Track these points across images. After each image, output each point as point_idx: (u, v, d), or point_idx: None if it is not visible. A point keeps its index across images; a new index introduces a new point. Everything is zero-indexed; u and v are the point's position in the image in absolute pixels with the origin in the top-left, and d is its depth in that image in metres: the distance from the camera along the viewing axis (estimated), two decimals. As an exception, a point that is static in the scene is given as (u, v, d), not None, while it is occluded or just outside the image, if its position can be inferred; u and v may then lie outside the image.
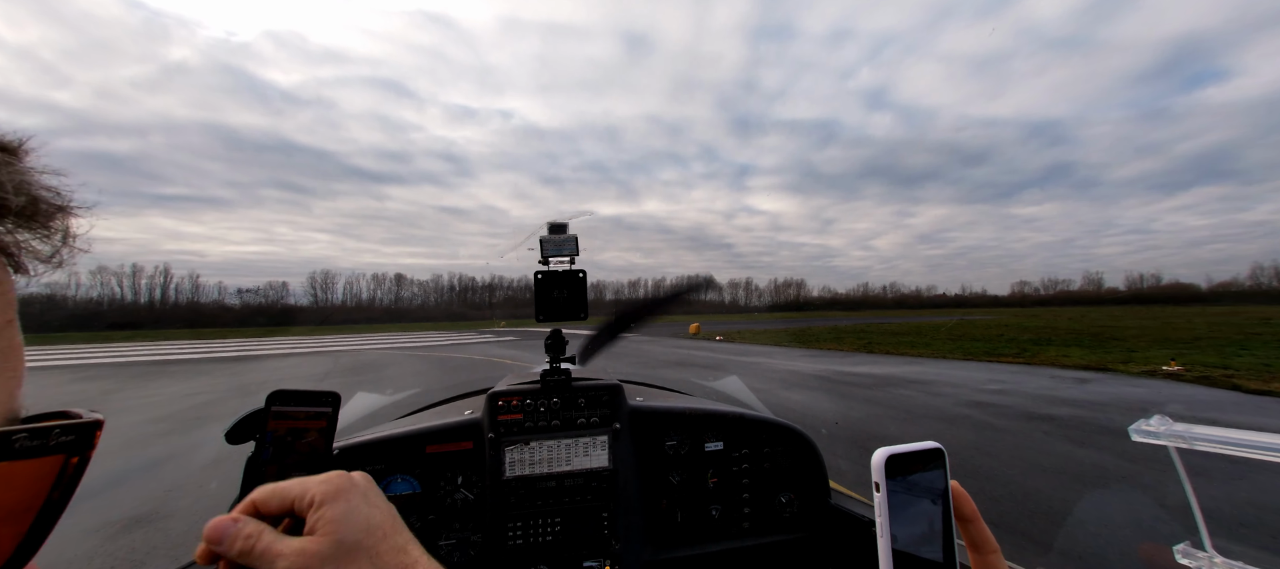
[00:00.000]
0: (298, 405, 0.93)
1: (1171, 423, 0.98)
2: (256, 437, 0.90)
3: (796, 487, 1.35)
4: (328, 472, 0.56)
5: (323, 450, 0.93)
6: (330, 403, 0.95)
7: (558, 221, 1.29)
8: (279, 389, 0.93)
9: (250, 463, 0.90)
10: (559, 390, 1.25)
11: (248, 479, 0.89)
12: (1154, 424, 0.99)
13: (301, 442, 0.91)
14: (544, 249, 1.28)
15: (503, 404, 1.22)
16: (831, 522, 1.31)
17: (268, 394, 0.91)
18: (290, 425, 0.91)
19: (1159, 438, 0.97)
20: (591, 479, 1.23)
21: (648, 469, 1.28)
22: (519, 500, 1.19)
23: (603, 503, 1.22)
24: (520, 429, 1.22)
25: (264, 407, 0.90)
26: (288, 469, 0.91)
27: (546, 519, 1.19)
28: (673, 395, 1.58)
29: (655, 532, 1.26)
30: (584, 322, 1.31)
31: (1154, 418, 1.00)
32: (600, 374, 1.45)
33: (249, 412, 0.91)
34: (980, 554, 0.46)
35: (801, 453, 1.35)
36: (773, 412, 1.48)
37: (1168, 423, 0.98)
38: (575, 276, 1.29)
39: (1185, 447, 0.94)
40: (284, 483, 0.55)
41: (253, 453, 0.90)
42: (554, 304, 1.28)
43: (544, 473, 1.21)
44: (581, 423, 1.24)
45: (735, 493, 1.32)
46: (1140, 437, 0.99)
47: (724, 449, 1.32)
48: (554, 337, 1.31)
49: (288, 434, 0.91)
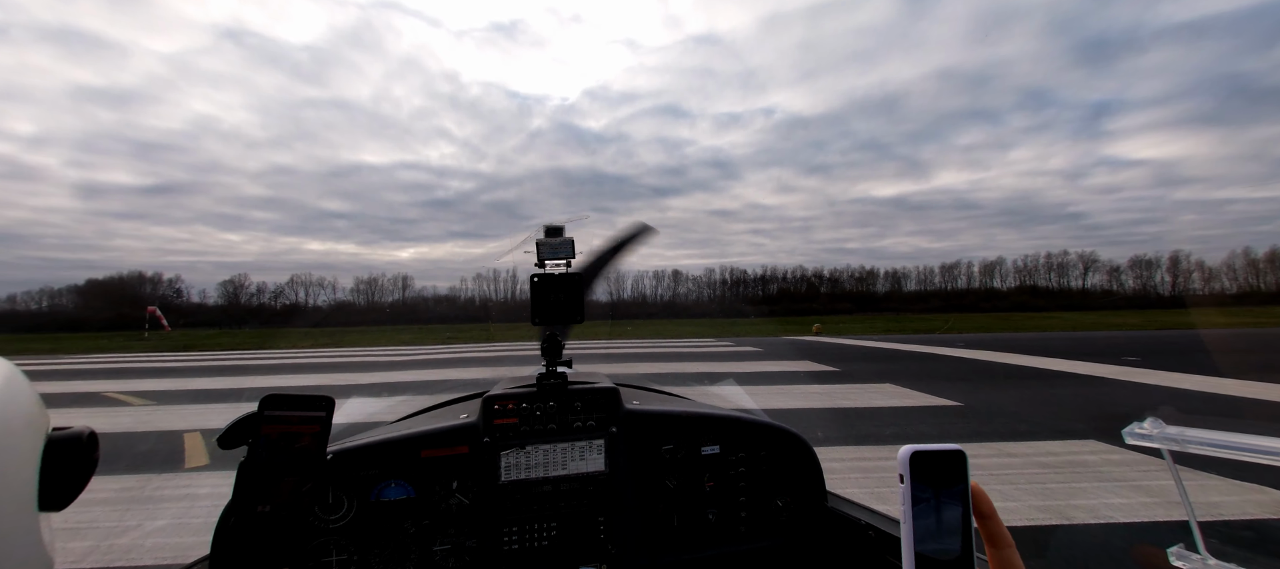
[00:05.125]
0: (291, 410, 0.92)
1: (1165, 426, 0.98)
2: (249, 441, 0.89)
3: (793, 490, 1.34)
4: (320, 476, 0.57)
5: (316, 455, 0.93)
6: (324, 407, 0.95)
7: (554, 225, 1.29)
8: (272, 394, 0.92)
9: (243, 468, 0.89)
10: (555, 394, 1.25)
11: (241, 484, 0.88)
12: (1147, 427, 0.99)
13: (295, 446, 0.91)
14: (540, 252, 1.28)
15: (498, 408, 1.22)
16: (828, 525, 1.31)
17: (261, 398, 0.90)
18: (284, 430, 0.91)
19: (1152, 441, 0.98)
20: (587, 484, 1.22)
21: (644, 473, 1.28)
22: (515, 505, 1.18)
23: (599, 508, 1.22)
24: (516, 433, 1.21)
25: (257, 411, 0.90)
26: (281, 474, 0.90)
27: (542, 524, 1.19)
28: (669, 399, 1.58)
29: (652, 536, 1.26)
30: (581, 324, 1.31)
31: (1147, 420, 1.01)
32: (596, 378, 1.44)
33: (242, 416, 0.90)
34: (997, 549, 0.50)
35: (797, 456, 1.35)
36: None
37: (1161, 426, 0.98)
38: (572, 280, 1.29)
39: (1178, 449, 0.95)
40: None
41: (246, 458, 0.89)
42: (550, 307, 1.28)
43: (540, 477, 1.20)
44: (578, 427, 1.24)
45: (732, 497, 1.31)
46: (1134, 439, 1.00)
47: (721, 453, 1.32)
48: (550, 340, 1.31)
49: (281, 439, 0.90)
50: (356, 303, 67.77)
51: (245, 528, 0.86)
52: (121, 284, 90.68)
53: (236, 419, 0.89)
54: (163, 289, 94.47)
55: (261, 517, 0.87)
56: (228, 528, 0.88)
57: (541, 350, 1.32)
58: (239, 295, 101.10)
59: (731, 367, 14.47)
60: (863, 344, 22.50)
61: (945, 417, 7.51)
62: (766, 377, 12.14)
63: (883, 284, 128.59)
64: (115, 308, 63.75)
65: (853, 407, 8.28)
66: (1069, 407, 7.95)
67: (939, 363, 14.47)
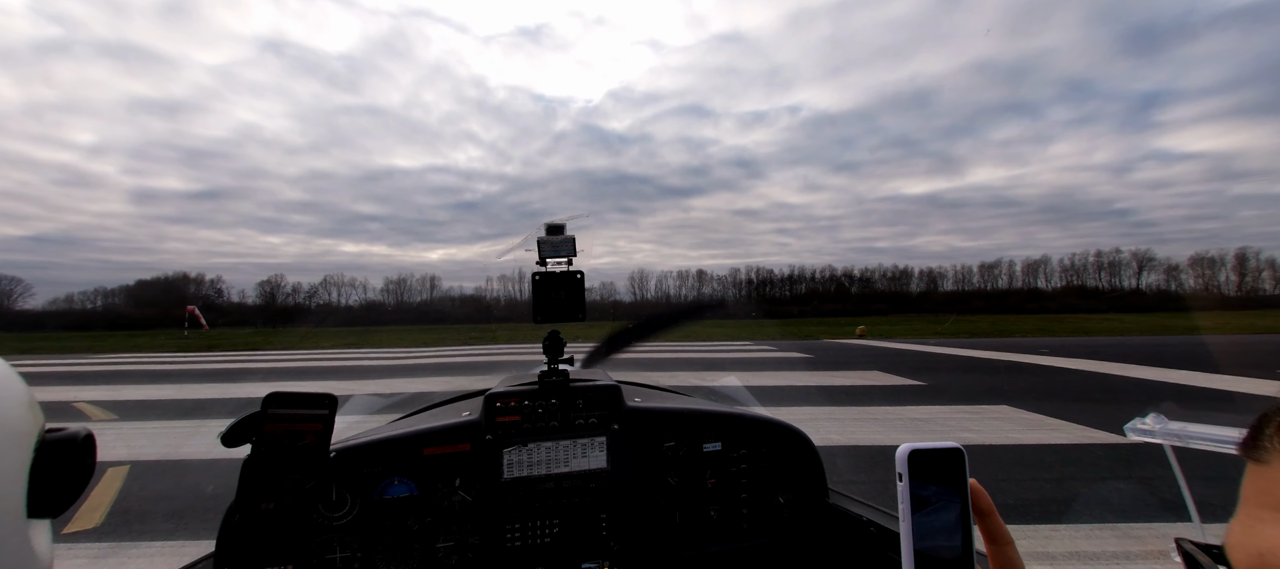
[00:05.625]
0: (294, 408, 0.92)
1: (1166, 421, 0.98)
2: (253, 439, 0.90)
3: (794, 487, 1.35)
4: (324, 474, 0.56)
5: (319, 452, 0.93)
6: (327, 405, 0.95)
7: (555, 223, 1.29)
8: (275, 391, 0.92)
9: (247, 465, 0.90)
10: (557, 392, 1.25)
11: (244, 482, 0.89)
12: (1149, 422, 1.00)
13: (298, 444, 0.91)
14: (542, 250, 1.28)
15: (501, 405, 1.22)
16: (830, 522, 1.31)
17: (264, 396, 0.91)
18: (287, 427, 0.91)
19: (1154, 436, 0.98)
20: (590, 481, 1.22)
21: (646, 470, 1.28)
22: (517, 502, 1.19)
23: (601, 504, 1.22)
24: (518, 431, 1.22)
25: (261, 409, 0.90)
26: (284, 472, 0.90)
27: (545, 521, 1.19)
28: (671, 396, 1.58)
29: (654, 533, 1.26)
30: (581, 322, 1.31)
31: (1149, 416, 1.01)
32: (598, 375, 1.44)
33: (245, 414, 0.91)
34: (997, 546, 0.51)
35: (799, 452, 1.35)
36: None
37: (1163, 421, 0.98)
38: (573, 278, 1.29)
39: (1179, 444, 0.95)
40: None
41: (249, 455, 0.90)
42: (552, 305, 1.28)
43: (542, 475, 1.21)
44: (580, 424, 1.24)
45: (734, 493, 1.32)
46: (1136, 435, 1.00)
47: (722, 450, 1.32)
48: (552, 338, 1.31)
49: (284, 437, 0.91)
50: (386, 303, 69.73)
51: (249, 525, 0.87)
52: (167, 284, 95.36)
53: (240, 417, 0.90)
54: (205, 289, 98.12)
55: (265, 514, 0.88)
56: (232, 526, 0.88)
57: (544, 348, 1.32)
58: (275, 295, 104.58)
59: (792, 378, 11.34)
60: (925, 350, 18.49)
61: (1146, 461, 4.72)
62: (839, 393, 9.23)
63: (917, 283, 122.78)
64: (161, 307, 65.71)
65: (988, 444, 5.68)
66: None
67: (1045, 377, 10.96)
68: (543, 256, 1.28)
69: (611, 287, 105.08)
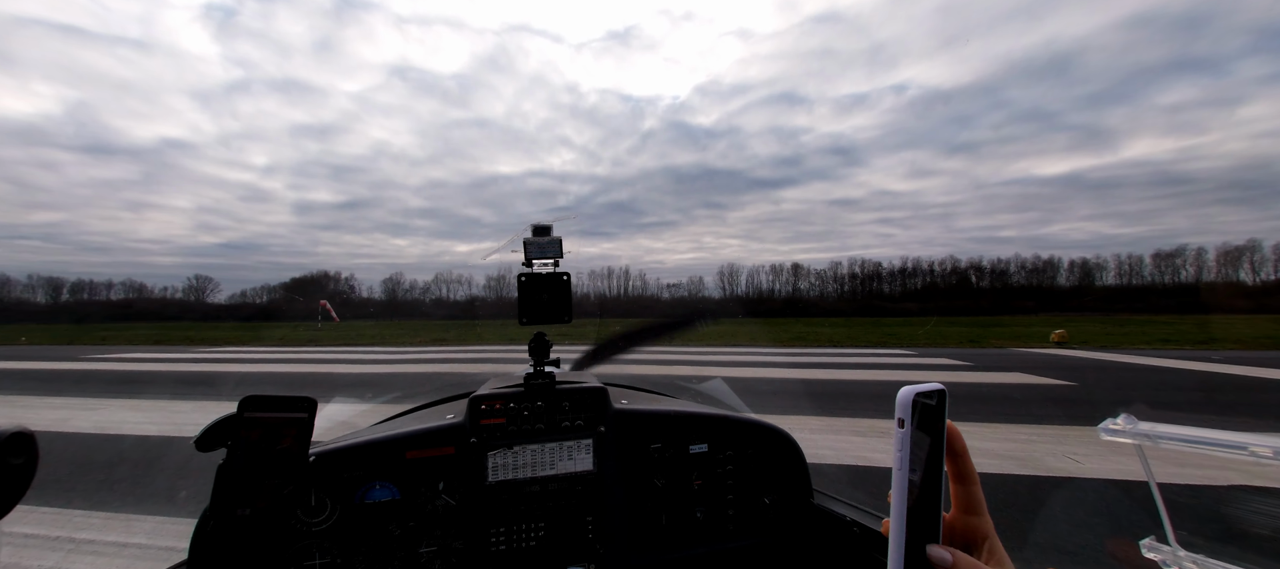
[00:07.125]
0: (272, 411, 0.90)
1: (1137, 422, 1.01)
2: (228, 443, 0.87)
3: (779, 488, 1.36)
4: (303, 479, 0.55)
5: (298, 456, 0.91)
6: (306, 408, 0.93)
7: (542, 223, 1.29)
8: (252, 394, 0.90)
9: (221, 470, 0.87)
10: (543, 394, 1.24)
11: (219, 487, 0.86)
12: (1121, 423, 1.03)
13: (276, 447, 0.89)
14: (527, 252, 1.27)
15: (485, 408, 1.21)
16: (814, 522, 1.32)
17: (240, 399, 0.89)
18: (264, 430, 0.89)
19: (1125, 437, 1.01)
20: (576, 483, 1.22)
21: (632, 472, 1.28)
22: (502, 506, 1.18)
23: (587, 507, 1.22)
24: (503, 433, 1.20)
25: (236, 412, 0.88)
26: (262, 476, 0.88)
27: (530, 524, 1.18)
28: (657, 398, 1.58)
29: (640, 535, 1.26)
30: (568, 324, 1.31)
31: (1121, 417, 1.04)
32: (584, 377, 1.44)
33: (220, 417, 0.88)
34: (964, 486, 0.54)
35: (784, 453, 1.36)
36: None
37: (1134, 422, 1.01)
38: (559, 279, 1.28)
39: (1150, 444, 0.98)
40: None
41: (224, 460, 0.87)
42: (538, 307, 1.27)
43: (527, 477, 1.20)
44: (566, 426, 1.24)
45: (720, 495, 1.32)
46: (1108, 436, 1.03)
47: (708, 451, 1.33)
48: (537, 340, 1.30)
49: (261, 440, 0.89)
50: (488, 298, 74.35)
51: (224, 532, 0.85)
52: (311, 282, 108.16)
53: (214, 420, 0.88)
54: (340, 286, 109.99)
55: (241, 520, 0.85)
56: (206, 532, 0.86)
57: (529, 350, 1.31)
58: (396, 292, 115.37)
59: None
60: (1181, 366, 11.47)
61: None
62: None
63: (1066, 277, 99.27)
64: (308, 301, 72.52)
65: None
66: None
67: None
68: (528, 258, 1.27)
69: (699, 282, 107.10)
